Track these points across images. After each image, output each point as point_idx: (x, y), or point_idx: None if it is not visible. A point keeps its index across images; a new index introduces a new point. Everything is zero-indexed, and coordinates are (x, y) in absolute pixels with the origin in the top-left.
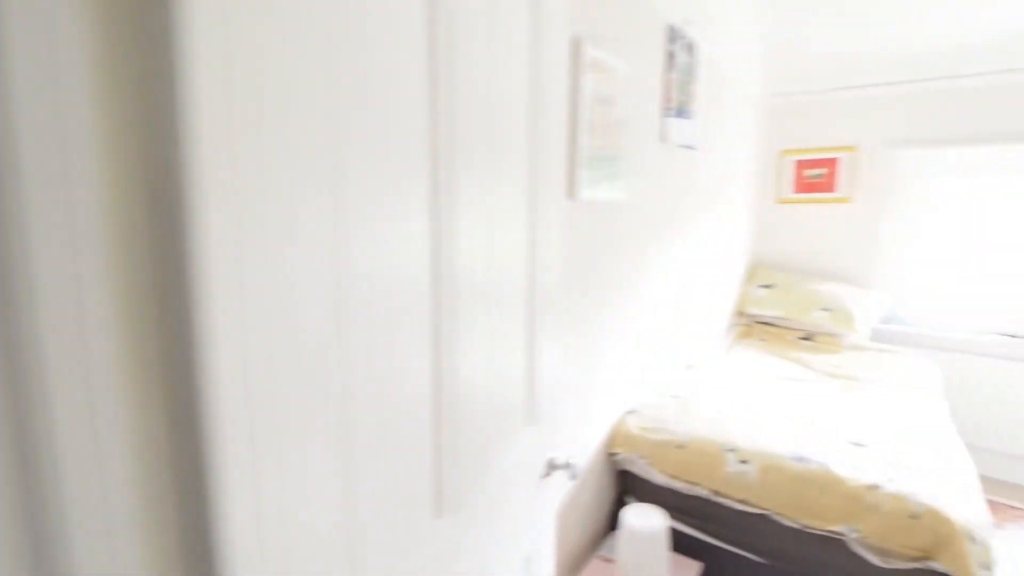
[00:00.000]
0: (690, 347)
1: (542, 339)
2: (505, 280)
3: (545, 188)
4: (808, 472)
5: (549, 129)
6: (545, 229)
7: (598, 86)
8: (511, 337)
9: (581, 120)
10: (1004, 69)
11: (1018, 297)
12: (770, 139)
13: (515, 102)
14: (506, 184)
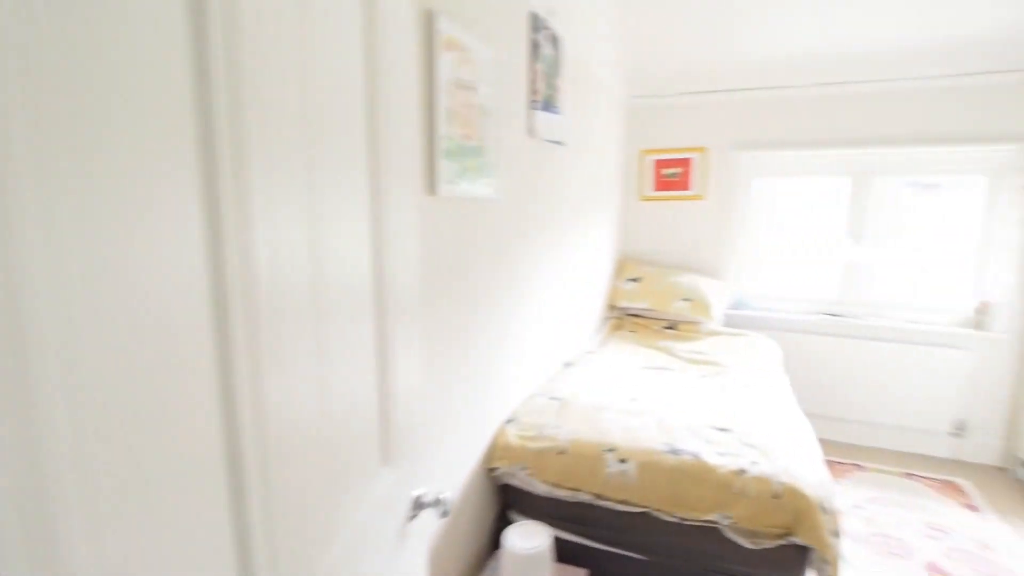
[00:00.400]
0: (567, 344)
1: (398, 354)
2: (341, 287)
3: (395, 181)
4: (682, 464)
5: (395, 113)
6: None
7: (458, 69)
8: (355, 355)
9: (439, 105)
10: (827, 82)
11: (836, 283)
12: (632, 139)
13: (345, 80)
14: (337, 176)
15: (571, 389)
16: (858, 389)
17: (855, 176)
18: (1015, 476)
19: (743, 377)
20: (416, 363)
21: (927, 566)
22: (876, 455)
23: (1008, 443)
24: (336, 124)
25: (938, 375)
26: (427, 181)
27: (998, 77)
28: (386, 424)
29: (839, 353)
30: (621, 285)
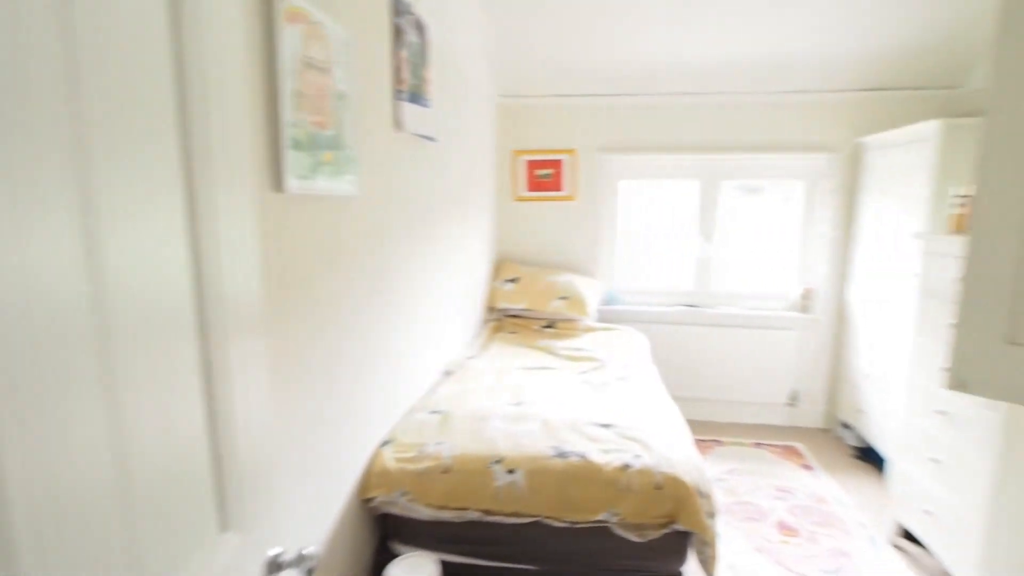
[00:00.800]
0: (447, 351)
1: (235, 383)
2: (143, 304)
3: (222, 174)
4: (571, 467)
5: (217, 90)
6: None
7: (307, 47)
8: (169, 389)
9: (283, 86)
10: (680, 92)
11: (691, 277)
12: (504, 139)
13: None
14: (128, 167)
15: (453, 400)
16: (713, 371)
17: (703, 179)
18: (836, 435)
19: (619, 371)
20: (262, 392)
21: (777, 525)
22: (731, 429)
23: (829, 408)
24: (126, 101)
25: (775, 354)
26: (271, 176)
27: (815, 96)
28: (223, 475)
29: (696, 340)
30: (500, 286)
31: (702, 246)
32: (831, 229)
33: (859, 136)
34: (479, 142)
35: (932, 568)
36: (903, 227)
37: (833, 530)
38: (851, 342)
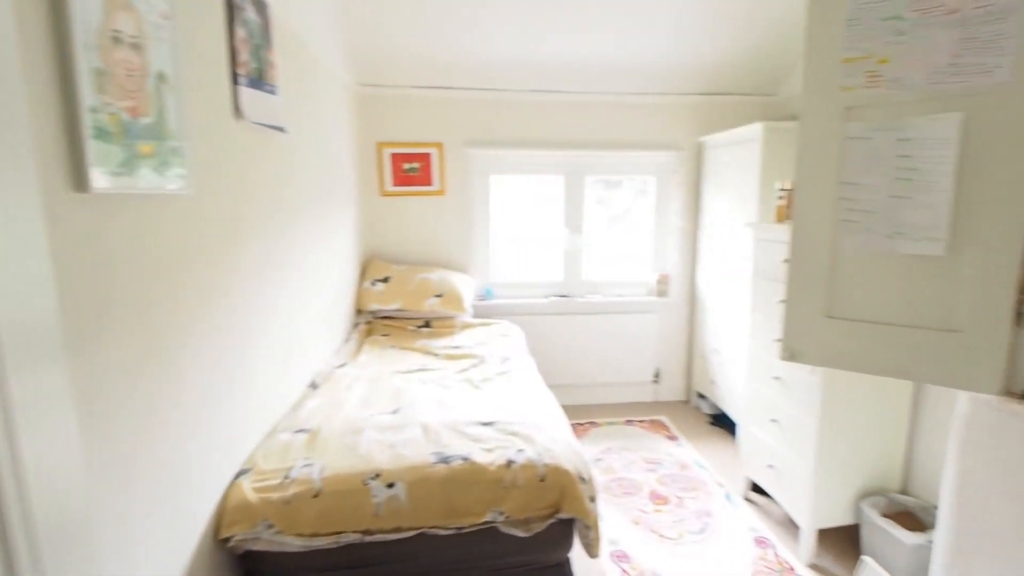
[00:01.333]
0: (313, 361)
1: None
2: None
3: None
4: (454, 472)
5: None
6: None
7: (111, 19)
8: None
9: (79, 65)
10: (543, 89)
11: (560, 268)
12: (367, 131)
13: None
14: None
15: (321, 414)
16: (585, 357)
17: (567, 174)
18: (694, 405)
19: (498, 365)
20: (67, 432)
21: (650, 495)
22: (605, 411)
23: (687, 381)
24: None
25: (638, 336)
26: (71, 172)
27: (662, 98)
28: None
29: (568, 329)
30: (369, 287)
31: (570, 238)
32: (680, 220)
33: (700, 135)
34: (338, 133)
35: (778, 515)
36: (738, 217)
37: (697, 493)
38: (702, 321)
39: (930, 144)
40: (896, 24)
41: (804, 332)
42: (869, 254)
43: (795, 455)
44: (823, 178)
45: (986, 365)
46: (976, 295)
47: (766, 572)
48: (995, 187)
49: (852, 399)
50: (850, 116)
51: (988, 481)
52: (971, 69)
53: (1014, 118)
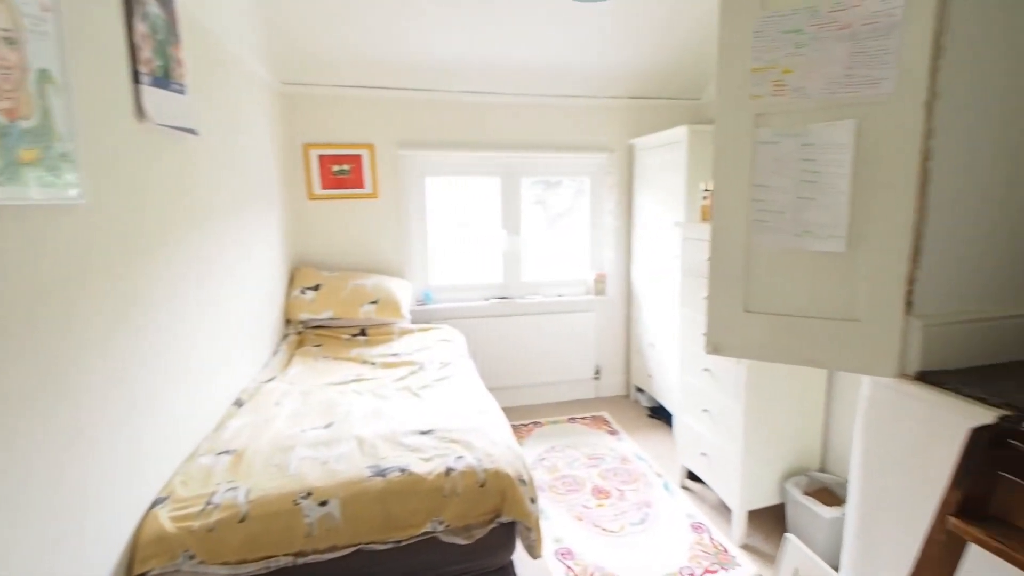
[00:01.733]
0: (237, 378)
1: None
2: None
3: None
4: (391, 484)
5: None
6: None
7: None
8: None
9: None
10: (477, 91)
11: (500, 270)
12: (292, 131)
13: None
14: None
15: (247, 434)
16: (527, 357)
17: (503, 176)
18: (634, 399)
19: (437, 372)
20: None
21: (592, 490)
22: (548, 410)
23: (626, 377)
24: None
25: (579, 334)
26: None
27: (594, 101)
28: None
29: (509, 330)
30: (299, 296)
31: (508, 240)
32: (614, 219)
33: (630, 138)
34: (259, 135)
35: (712, 500)
36: (667, 216)
37: (637, 484)
38: (638, 318)
39: (829, 149)
40: (797, 37)
41: (725, 326)
42: (780, 251)
43: (725, 442)
44: (738, 180)
45: (882, 351)
46: (872, 287)
47: (702, 556)
48: (884, 189)
49: (774, 387)
50: (759, 122)
51: (888, 457)
52: (862, 80)
53: (898, 126)
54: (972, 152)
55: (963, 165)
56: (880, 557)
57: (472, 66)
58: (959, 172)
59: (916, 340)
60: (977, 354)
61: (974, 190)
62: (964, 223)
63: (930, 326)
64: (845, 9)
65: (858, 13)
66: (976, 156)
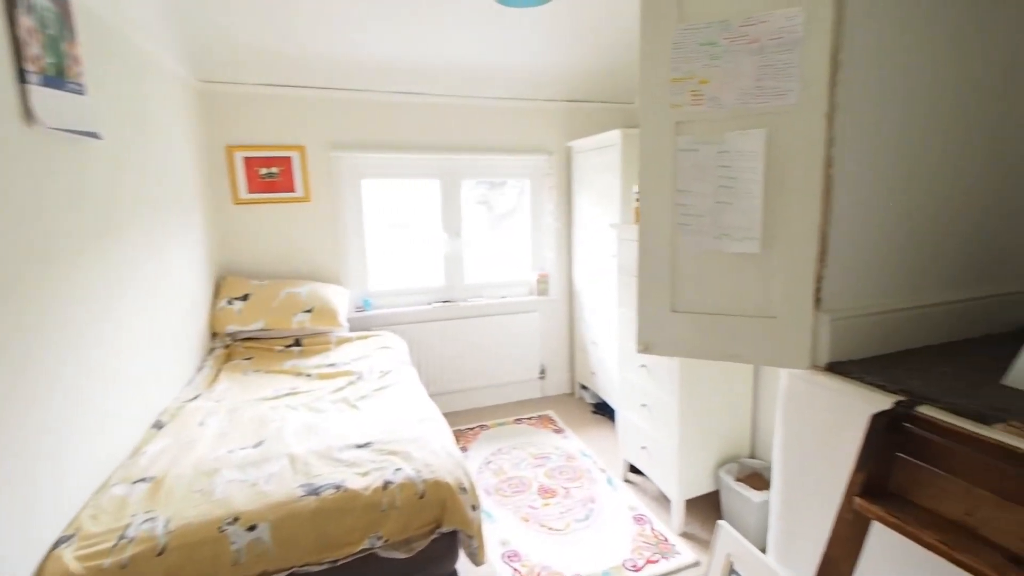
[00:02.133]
0: (156, 399)
1: None
2: None
3: None
4: (325, 503)
5: None
6: None
7: None
8: None
9: None
10: (413, 91)
11: (442, 273)
12: (214, 132)
13: None
14: None
15: (167, 458)
16: (472, 361)
17: (443, 178)
18: (578, 397)
19: (376, 381)
20: None
21: (539, 490)
22: (495, 412)
23: (570, 375)
24: None
25: (524, 335)
26: None
27: (532, 103)
28: None
29: (452, 334)
30: (226, 307)
31: (449, 242)
32: (555, 220)
33: (568, 140)
34: (174, 137)
35: (652, 492)
36: (604, 217)
37: (582, 481)
38: (580, 316)
39: (743, 156)
40: (711, 49)
41: (655, 326)
42: (702, 253)
43: (663, 435)
44: (662, 186)
45: (795, 344)
46: (785, 285)
47: (644, 547)
48: (793, 194)
49: (706, 380)
50: (680, 130)
51: (805, 443)
52: (770, 92)
53: (801, 136)
54: (871, 159)
55: (863, 171)
56: (801, 537)
57: (408, 66)
58: (860, 178)
59: (825, 333)
60: (879, 344)
61: (874, 194)
62: (865, 224)
63: (837, 320)
64: (754, 24)
65: (765, 28)
66: (875, 163)
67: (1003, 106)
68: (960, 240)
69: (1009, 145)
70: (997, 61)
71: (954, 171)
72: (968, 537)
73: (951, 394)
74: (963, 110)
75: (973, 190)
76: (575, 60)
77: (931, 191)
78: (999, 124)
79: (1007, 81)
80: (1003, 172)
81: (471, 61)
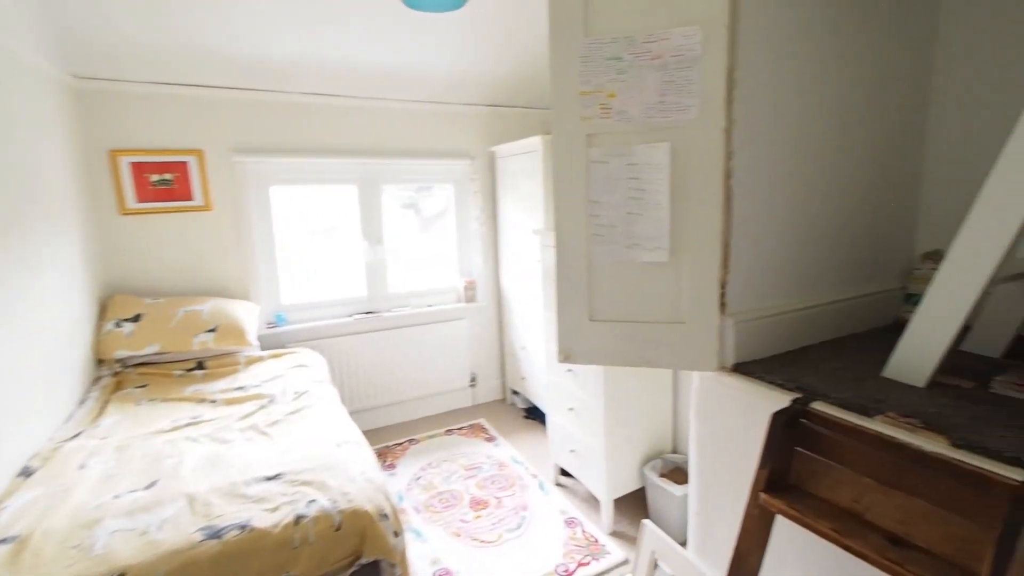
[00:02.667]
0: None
1: None
2: None
3: None
4: (227, 547)
5: None
6: None
7: None
8: None
9: None
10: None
11: (363, 282)
12: (94, 135)
13: None
14: None
15: (35, 512)
16: (399, 373)
17: (361, 183)
18: (510, 402)
19: (291, 403)
20: None
21: (470, 502)
22: (424, 424)
23: (502, 381)
24: None
25: (453, 343)
26: None
27: (453, 107)
28: None
29: (377, 346)
30: (113, 329)
31: (370, 250)
32: (481, 225)
33: (491, 145)
34: (40, 140)
35: (583, 493)
36: (528, 222)
37: (514, 489)
38: (509, 322)
39: (651, 168)
40: (618, 64)
41: (574, 334)
42: (615, 263)
43: (590, 436)
44: (576, 196)
45: (704, 347)
46: (692, 292)
47: (575, 550)
48: (697, 204)
49: (628, 381)
50: (591, 142)
51: (717, 440)
52: (673, 107)
53: (702, 149)
54: (768, 169)
55: (760, 181)
56: (717, 530)
57: (319, 67)
58: (757, 187)
59: (730, 336)
60: (779, 343)
61: (771, 202)
62: (764, 231)
63: (740, 323)
64: (656, 41)
65: (667, 46)
66: (771, 173)
67: (883, 117)
68: (851, 241)
69: (891, 151)
70: (875, 76)
71: (845, 178)
72: (856, 523)
73: (840, 388)
74: (849, 121)
75: (862, 195)
76: (494, 65)
77: (825, 197)
78: (882, 134)
79: (885, 93)
80: (887, 177)
81: (390, 64)
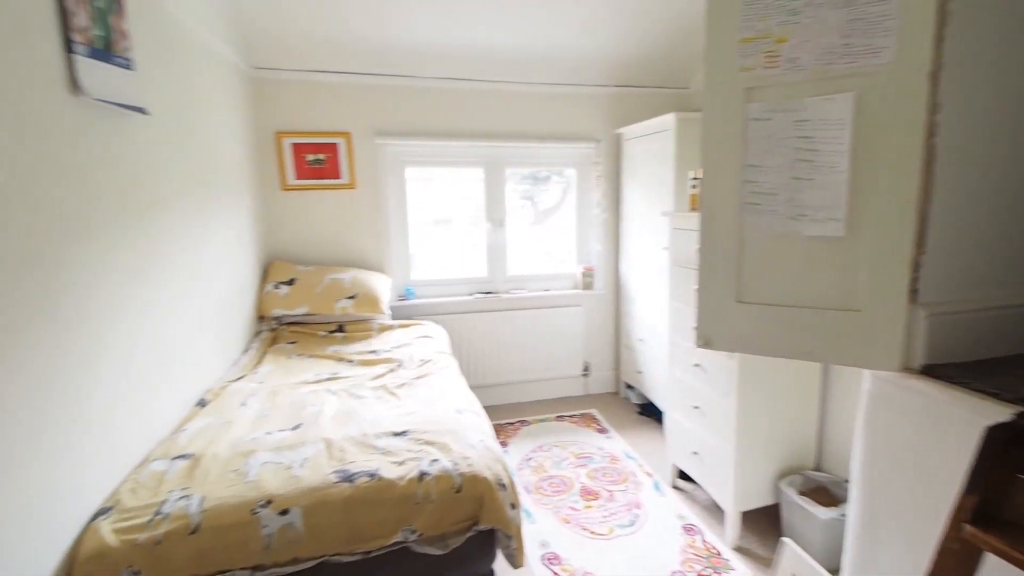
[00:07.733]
0: (202, 377)
1: None
2: None
3: None
4: (358, 491)
5: None
6: None
7: None
8: None
9: None
10: (457, 77)
11: (485, 264)
12: (265, 118)
13: None
14: None
15: (205, 437)
16: (513, 354)
17: (487, 166)
18: (623, 396)
19: (417, 369)
20: None
21: (581, 491)
22: (535, 408)
23: (615, 373)
24: None
25: (567, 330)
26: None
27: (579, 89)
28: None
29: (494, 325)
30: (272, 291)
31: (493, 232)
32: (602, 211)
33: (617, 127)
34: (224, 120)
35: (704, 500)
36: (656, 207)
37: (627, 485)
38: (627, 312)
39: (826, 125)
40: (790, 4)
41: (716, 318)
42: (774, 237)
43: (717, 440)
44: (728, 161)
45: (885, 343)
46: (873, 274)
47: (694, 559)
48: (886, 168)
49: (767, 381)
50: (750, 97)
51: (892, 456)
52: (860, 50)
53: (899, 98)
54: (982, 127)
55: (972, 141)
56: (882, 562)
57: (452, 51)
58: (967, 149)
59: (921, 331)
60: (985, 346)
61: (983, 168)
62: (973, 204)
63: (936, 316)
64: None
65: None
66: (986, 132)
67: None
68: None
69: None
70: None
71: None
72: None
73: None
74: None
75: None
76: (627, 44)
77: None
78: None
79: None
80: None
81: (520, 46)
